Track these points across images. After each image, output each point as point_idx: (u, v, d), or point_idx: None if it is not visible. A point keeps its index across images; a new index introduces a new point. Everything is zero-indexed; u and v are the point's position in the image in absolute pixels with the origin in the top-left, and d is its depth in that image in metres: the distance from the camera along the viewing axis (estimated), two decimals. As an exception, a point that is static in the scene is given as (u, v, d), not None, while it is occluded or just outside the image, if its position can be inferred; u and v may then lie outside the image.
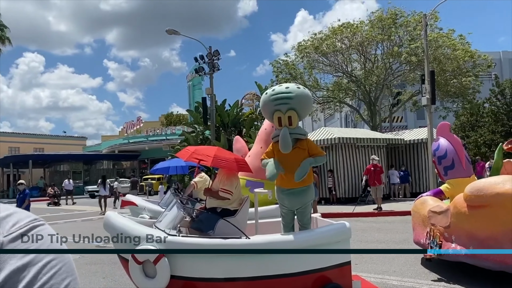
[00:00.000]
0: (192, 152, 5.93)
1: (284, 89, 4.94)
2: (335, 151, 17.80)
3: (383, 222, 12.36)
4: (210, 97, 22.38)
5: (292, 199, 4.90)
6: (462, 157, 6.67)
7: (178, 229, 4.79)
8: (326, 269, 4.70)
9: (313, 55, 26.97)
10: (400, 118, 38.48)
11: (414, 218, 6.96)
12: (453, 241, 5.72)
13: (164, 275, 4.32)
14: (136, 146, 42.71)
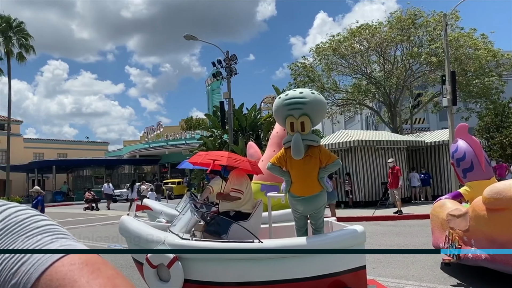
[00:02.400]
0: (205, 155, 5.95)
1: (298, 93, 4.90)
2: (354, 154, 17.64)
3: (403, 226, 12.17)
4: (228, 101, 22.49)
5: (304, 205, 4.86)
6: (481, 159, 6.52)
7: (192, 233, 4.81)
8: (341, 274, 4.65)
9: (331, 57, 26.83)
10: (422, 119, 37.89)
11: (433, 221, 6.83)
12: (473, 245, 5.59)
13: (178, 279, 4.34)
14: (157, 150, 43.23)
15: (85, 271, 0.58)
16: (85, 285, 0.56)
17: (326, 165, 4.88)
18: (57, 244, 0.62)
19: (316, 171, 4.84)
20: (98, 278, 0.58)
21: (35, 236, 0.62)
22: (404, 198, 17.59)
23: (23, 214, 0.66)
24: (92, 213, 23.22)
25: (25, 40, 37.52)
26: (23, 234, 0.62)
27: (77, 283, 0.56)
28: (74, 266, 0.59)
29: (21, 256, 0.59)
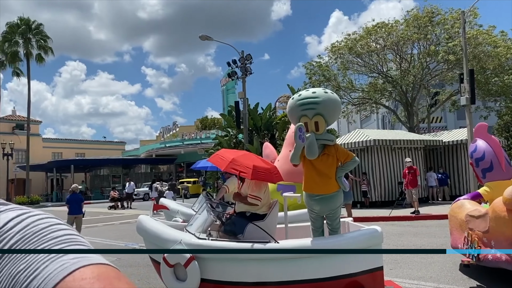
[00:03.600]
0: (230, 161, 5.79)
1: (310, 93, 4.89)
2: (370, 153, 17.49)
3: (420, 226, 12.03)
4: (243, 101, 22.51)
5: (321, 204, 4.84)
6: (501, 159, 6.40)
7: (208, 233, 4.83)
8: (358, 274, 4.62)
9: (347, 56, 26.63)
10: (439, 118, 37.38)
11: (451, 222, 6.73)
12: (493, 246, 5.49)
13: (195, 278, 4.37)
14: (173, 150, 43.53)
15: (96, 285, 0.56)
16: None
17: (344, 163, 4.85)
18: (71, 256, 0.60)
19: (333, 169, 4.82)
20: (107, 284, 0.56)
21: (52, 246, 0.61)
22: (421, 198, 17.36)
23: (43, 223, 0.65)
24: (110, 212, 23.55)
25: (43, 42, 38.17)
26: (40, 244, 0.62)
27: None
28: (85, 281, 0.57)
29: (32, 271, 0.58)
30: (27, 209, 0.68)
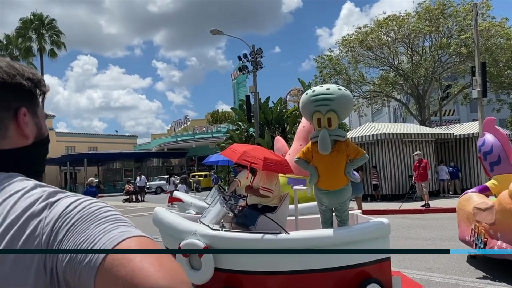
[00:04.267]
0: (241, 153, 6.01)
1: (324, 90, 5.00)
2: (381, 147, 17.54)
3: (430, 219, 12.11)
4: (254, 95, 22.66)
5: (330, 198, 4.99)
6: (509, 153, 6.49)
7: (221, 224, 5.03)
8: (366, 265, 4.78)
9: (358, 49, 26.58)
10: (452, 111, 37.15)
11: (459, 215, 6.85)
12: (499, 238, 5.61)
13: (209, 268, 4.56)
14: (184, 144, 43.90)
15: (138, 255, 0.71)
16: (138, 263, 0.70)
17: (353, 159, 5.00)
18: (119, 230, 0.76)
19: (342, 165, 4.96)
20: (148, 257, 0.71)
21: (103, 224, 0.77)
22: (432, 192, 17.40)
23: (95, 206, 0.81)
24: (124, 205, 23.94)
25: (56, 37, 38.65)
26: (94, 222, 0.77)
27: (132, 262, 0.70)
28: (134, 243, 0.73)
29: (91, 241, 0.74)
30: (81, 196, 0.86)
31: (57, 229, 0.76)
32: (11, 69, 0.91)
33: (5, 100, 0.89)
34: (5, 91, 0.89)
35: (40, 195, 0.80)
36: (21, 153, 0.92)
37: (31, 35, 38.21)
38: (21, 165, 0.90)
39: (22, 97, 0.93)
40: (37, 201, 0.79)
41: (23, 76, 0.93)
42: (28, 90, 0.94)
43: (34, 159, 0.96)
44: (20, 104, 0.92)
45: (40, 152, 0.97)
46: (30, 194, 0.80)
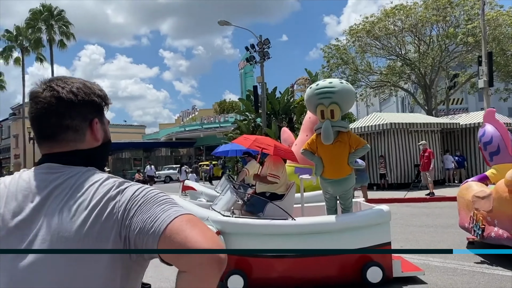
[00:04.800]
0: (253, 140, 6.49)
1: (327, 84, 5.32)
2: (387, 136, 17.73)
3: (434, 207, 12.37)
4: (261, 85, 22.87)
5: (334, 187, 5.31)
6: (508, 143, 6.73)
7: (231, 211, 5.36)
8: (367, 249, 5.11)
9: (365, 39, 26.60)
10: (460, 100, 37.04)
11: (460, 203, 7.12)
12: (496, 225, 5.89)
13: (220, 251, 4.90)
14: (192, 133, 44.33)
15: (188, 225, 1.02)
16: (188, 232, 1.00)
17: (355, 149, 5.29)
18: (173, 209, 1.06)
19: (345, 155, 5.27)
20: (195, 229, 1.02)
21: (161, 205, 1.07)
22: (438, 181, 17.62)
23: (153, 192, 1.12)
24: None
25: (65, 28, 38.96)
26: (155, 204, 1.07)
27: (184, 232, 1.00)
28: (182, 222, 1.03)
29: (154, 217, 1.04)
30: (141, 184, 1.17)
31: (128, 208, 1.07)
32: (87, 89, 1.20)
33: (83, 113, 1.18)
34: (84, 106, 1.18)
35: (113, 184, 1.11)
36: (93, 152, 1.21)
37: (41, 26, 38.54)
38: (92, 160, 1.20)
39: (95, 110, 1.21)
40: (111, 188, 1.10)
41: (95, 94, 1.21)
42: (99, 104, 1.22)
43: (102, 156, 1.26)
44: (93, 116, 1.20)
45: (105, 150, 1.27)
46: (106, 183, 1.11)
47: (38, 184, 1.11)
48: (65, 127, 1.16)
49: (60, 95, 1.15)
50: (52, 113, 1.15)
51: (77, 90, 1.17)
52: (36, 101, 1.17)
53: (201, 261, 0.97)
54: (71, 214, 1.04)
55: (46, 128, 1.17)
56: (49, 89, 1.16)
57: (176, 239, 0.99)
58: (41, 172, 1.14)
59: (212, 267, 0.97)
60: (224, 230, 4.92)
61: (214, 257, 0.97)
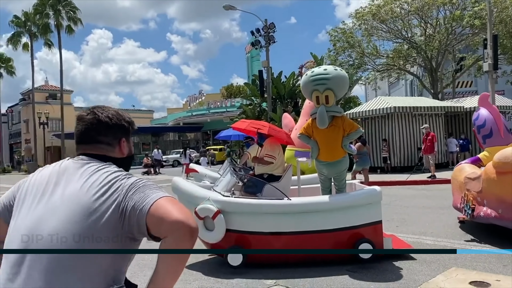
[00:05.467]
0: (249, 123, 6.87)
1: (322, 70, 5.58)
2: (391, 120, 17.91)
3: (435, 189, 12.62)
4: (266, 70, 23.03)
5: (329, 169, 5.61)
6: (500, 126, 6.95)
7: (232, 192, 5.68)
8: (360, 227, 5.41)
9: (371, 22, 26.50)
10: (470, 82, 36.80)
11: (453, 184, 7.39)
12: (485, 205, 6.15)
13: (221, 229, 5.24)
14: (199, 118, 44.70)
15: (168, 203, 1.38)
16: (167, 207, 1.35)
17: (349, 133, 5.57)
18: (159, 193, 1.41)
19: (339, 139, 5.55)
20: (173, 206, 1.37)
21: (151, 190, 1.43)
22: (442, 164, 17.82)
23: (147, 182, 1.49)
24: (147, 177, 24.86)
25: (73, 13, 39.20)
26: (147, 189, 1.43)
27: (164, 207, 1.36)
28: (164, 201, 1.38)
29: (143, 197, 1.39)
30: (140, 176, 1.53)
31: (130, 189, 1.44)
32: (119, 115, 1.63)
33: (116, 133, 1.61)
34: (116, 128, 1.61)
35: (120, 173, 1.51)
36: (119, 161, 1.61)
37: (48, 12, 38.82)
38: (116, 165, 1.57)
39: (123, 132, 1.64)
40: (120, 175, 1.49)
41: (125, 120, 1.64)
42: (127, 128, 1.65)
43: (125, 164, 1.65)
44: (122, 136, 1.63)
45: (128, 161, 1.70)
46: (117, 173, 1.51)
47: (71, 165, 1.54)
48: (100, 141, 1.59)
49: (99, 118, 1.58)
50: (92, 130, 1.58)
51: (111, 115, 1.61)
52: (82, 120, 1.60)
53: (177, 227, 1.31)
54: (88, 184, 1.44)
55: (86, 138, 1.59)
56: (92, 113, 1.60)
57: (158, 212, 1.35)
58: (74, 161, 1.57)
59: (184, 233, 1.32)
60: (224, 209, 5.25)
61: (186, 225, 1.32)
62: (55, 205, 1.42)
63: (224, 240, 5.26)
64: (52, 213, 1.40)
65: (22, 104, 54.51)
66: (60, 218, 1.38)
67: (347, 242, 5.36)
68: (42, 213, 1.41)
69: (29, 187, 1.52)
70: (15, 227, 1.45)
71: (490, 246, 6.04)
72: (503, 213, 5.77)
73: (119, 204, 1.39)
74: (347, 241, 5.36)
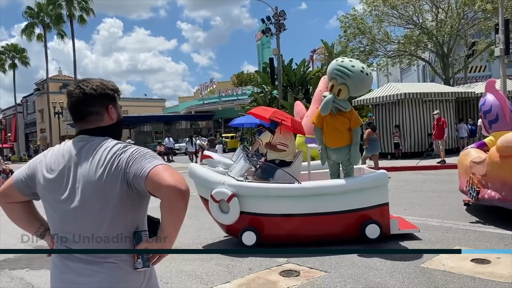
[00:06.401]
0: (273, 111, 7.17)
1: (350, 65, 5.76)
2: (401, 106, 18.00)
3: (444, 174, 12.79)
4: (277, 58, 23.19)
5: (336, 154, 5.91)
6: (506, 112, 7.12)
7: (245, 177, 6.00)
8: (367, 209, 5.70)
9: (382, 8, 26.35)
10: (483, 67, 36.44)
11: (460, 168, 7.61)
12: (489, 187, 6.38)
13: (235, 211, 5.57)
14: (211, 106, 45.02)
15: (162, 170, 1.63)
16: (162, 174, 1.60)
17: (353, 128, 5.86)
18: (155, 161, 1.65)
19: (345, 128, 5.86)
20: (167, 172, 1.61)
21: (148, 159, 1.67)
22: (452, 149, 17.91)
23: (144, 151, 1.73)
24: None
25: (85, 3, 39.55)
26: (144, 159, 1.67)
27: (159, 174, 1.61)
28: (159, 168, 1.63)
29: (142, 166, 1.64)
30: (137, 146, 1.78)
31: (128, 161, 1.69)
32: (103, 85, 1.82)
33: (101, 102, 1.80)
34: (101, 97, 1.80)
35: (119, 146, 1.75)
36: (110, 127, 1.83)
37: (61, 2, 39.20)
38: (110, 133, 1.83)
39: (109, 99, 1.83)
40: (118, 149, 1.73)
41: (109, 88, 1.83)
42: (112, 96, 1.85)
43: (116, 130, 1.89)
44: (109, 103, 1.83)
45: (119, 126, 1.91)
46: (115, 147, 1.75)
47: (73, 148, 1.77)
48: (89, 112, 1.78)
49: (85, 91, 1.77)
50: (81, 103, 1.77)
51: (96, 87, 1.79)
52: (71, 96, 1.80)
53: (170, 192, 1.58)
54: (94, 165, 1.70)
55: (78, 113, 1.79)
56: (78, 88, 1.79)
57: (155, 178, 1.62)
58: (75, 141, 1.79)
59: (176, 195, 1.59)
60: (238, 193, 5.57)
61: (177, 189, 1.59)
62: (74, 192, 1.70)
63: (239, 221, 5.60)
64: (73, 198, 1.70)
65: (37, 94, 55.41)
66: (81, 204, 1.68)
67: (355, 223, 5.65)
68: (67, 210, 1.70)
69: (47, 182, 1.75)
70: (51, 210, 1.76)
71: (494, 227, 6.27)
72: (506, 195, 6.00)
73: (123, 177, 1.66)
74: (355, 222, 5.66)
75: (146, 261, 1.72)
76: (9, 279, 5.19)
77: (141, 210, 1.79)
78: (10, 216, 1.92)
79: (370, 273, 4.64)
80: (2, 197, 1.88)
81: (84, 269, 1.66)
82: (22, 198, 1.86)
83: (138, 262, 1.71)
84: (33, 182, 1.81)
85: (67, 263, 1.70)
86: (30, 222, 1.93)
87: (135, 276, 1.72)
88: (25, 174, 1.83)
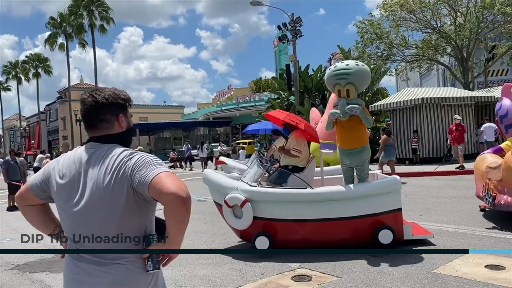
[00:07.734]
0: (287, 114, 7.26)
1: (344, 65, 5.89)
2: (419, 111, 17.81)
3: (462, 180, 12.62)
4: (294, 64, 23.23)
5: (351, 158, 5.92)
6: (523, 116, 7.03)
7: (258, 182, 6.07)
8: (380, 214, 5.70)
9: (399, 13, 26.20)
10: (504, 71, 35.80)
11: (476, 174, 7.53)
12: (505, 193, 6.31)
13: (249, 216, 5.65)
14: (228, 113, 45.31)
15: (168, 178, 1.72)
16: (164, 181, 1.69)
17: None
18: (158, 169, 1.74)
19: (359, 128, 5.88)
20: (169, 179, 1.70)
21: (151, 166, 1.77)
22: (472, 154, 17.62)
23: (149, 158, 1.82)
24: (174, 171, 25.67)
25: (105, 13, 40.43)
26: (148, 166, 1.76)
27: (162, 181, 1.70)
28: (162, 176, 1.72)
29: (146, 173, 1.73)
30: (143, 153, 1.87)
31: (133, 169, 1.78)
32: (115, 95, 1.91)
33: (113, 111, 1.89)
34: (112, 106, 1.89)
35: (126, 153, 1.84)
36: (119, 135, 1.92)
37: (82, 12, 40.18)
38: (119, 141, 1.92)
39: (120, 108, 1.92)
40: (125, 156, 1.83)
41: (120, 98, 1.93)
42: (123, 105, 1.93)
43: (125, 138, 1.98)
44: (120, 112, 1.91)
45: (128, 134, 1.99)
46: (122, 154, 1.84)
47: (83, 155, 1.87)
48: (101, 120, 1.87)
49: (97, 99, 1.86)
50: (93, 111, 1.86)
51: (108, 96, 1.87)
52: (84, 103, 1.89)
53: (171, 199, 1.67)
54: (102, 172, 1.80)
55: (89, 120, 1.88)
56: (91, 96, 1.87)
57: (157, 186, 1.71)
58: (86, 148, 1.89)
59: (177, 202, 1.67)
60: (251, 198, 5.65)
61: (178, 196, 1.67)
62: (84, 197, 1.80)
63: (252, 227, 5.67)
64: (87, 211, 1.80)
65: (59, 102, 56.65)
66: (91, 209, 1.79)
67: (368, 229, 5.67)
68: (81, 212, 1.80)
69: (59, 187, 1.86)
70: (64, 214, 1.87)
71: (510, 233, 6.19)
72: (523, 201, 5.92)
73: (129, 183, 1.74)
74: (368, 228, 5.67)
75: (156, 263, 1.82)
76: (30, 282, 5.38)
77: (148, 214, 1.88)
78: (27, 218, 2.05)
79: (382, 278, 4.65)
80: (19, 200, 2.01)
81: (94, 270, 1.77)
82: (38, 201, 1.98)
83: (149, 265, 1.81)
84: (47, 186, 1.92)
85: (78, 264, 1.81)
86: (46, 224, 2.05)
87: (143, 276, 1.81)
88: (40, 179, 1.95)
